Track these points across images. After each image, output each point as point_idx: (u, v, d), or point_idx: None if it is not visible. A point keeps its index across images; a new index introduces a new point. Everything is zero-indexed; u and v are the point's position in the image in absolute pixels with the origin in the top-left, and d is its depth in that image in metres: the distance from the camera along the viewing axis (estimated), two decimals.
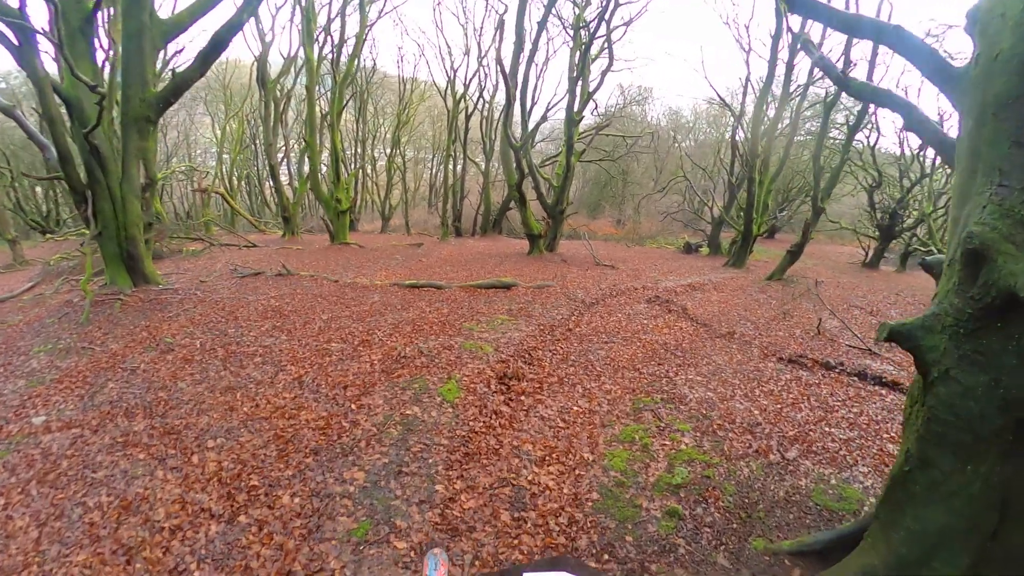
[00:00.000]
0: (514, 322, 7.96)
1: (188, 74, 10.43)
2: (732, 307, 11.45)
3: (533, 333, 7.54)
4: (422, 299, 9.91)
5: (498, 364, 6.10)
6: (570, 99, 18.46)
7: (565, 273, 14.46)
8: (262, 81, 23.28)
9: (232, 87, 34.52)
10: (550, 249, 19.31)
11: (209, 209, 30.55)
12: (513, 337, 7.17)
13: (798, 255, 16.75)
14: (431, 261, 16.57)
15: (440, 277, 13.16)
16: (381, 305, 9.34)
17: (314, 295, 10.15)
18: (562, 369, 6.41)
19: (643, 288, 12.47)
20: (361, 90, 33.45)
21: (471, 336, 7.15)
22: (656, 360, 7.14)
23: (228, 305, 9.26)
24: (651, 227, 31.58)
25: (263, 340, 7.22)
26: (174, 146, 37.60)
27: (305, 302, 9.52)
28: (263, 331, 7.63)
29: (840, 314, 13.20)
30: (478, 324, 7.84)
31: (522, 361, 6.42)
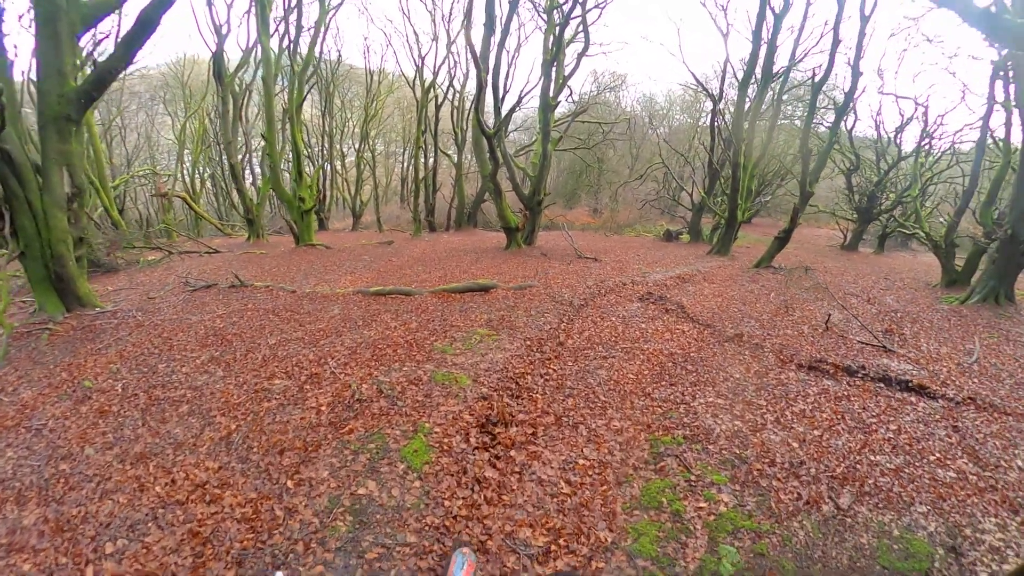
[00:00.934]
0: (495, 338, 6.68)
1: (111, 63, 8.70)
2: (730, 301, 10.35)
3: (519, 352, 6.26)
4: (388, 310, 8.54)
5: (479, 403, 4.80)
6: (544, 83, 17.11)
7: (547, 269, 13.20)
8: (219, 76, 21.30)
9: (192, 84, 32.14)
10: (528, 242, 18.03)
11: (170, 215, 28.36)
12: (495, 360, 5.88)
13: (786, 241, 15.81)
14: (402, 261, 15.13)
15: (410, 280, 11.77)
16: (340, 321, 7.93)
17: (265, 311, 8.67)
18: (558, 402, 5.14)
19: (632, 283, 11.30)
20: (326, 83, 31.45)
21: (444, 362, 5.85)
22: (666, 378, 5.95)
23: (167, 330, 7.77)
24: (629, 215, 30.53)
25: (195, 378, 5.80)
26: (135, 149, 34.99)
27: (254, 321, 8.05)
28: (198, 365, 6.20)
29: (838, 302, 12.25)
30: (452, 343, 6.52)
31: (508, 395, 5.14)
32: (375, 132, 39.72)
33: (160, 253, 18.26)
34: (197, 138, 31.72)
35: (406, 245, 20.19)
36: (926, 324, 11.05)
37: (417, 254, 16.85)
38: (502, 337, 6.67)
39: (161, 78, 34.77)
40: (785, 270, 15.59)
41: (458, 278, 11.98)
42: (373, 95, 32.52)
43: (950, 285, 16.11)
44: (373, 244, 19.47)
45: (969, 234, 15.86)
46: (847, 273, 17.10)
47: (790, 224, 15.36)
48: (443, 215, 30.80)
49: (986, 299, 13.20)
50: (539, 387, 5.40)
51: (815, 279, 13.15)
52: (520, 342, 6.55)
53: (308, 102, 36.52)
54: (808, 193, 15.04)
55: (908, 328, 10.51)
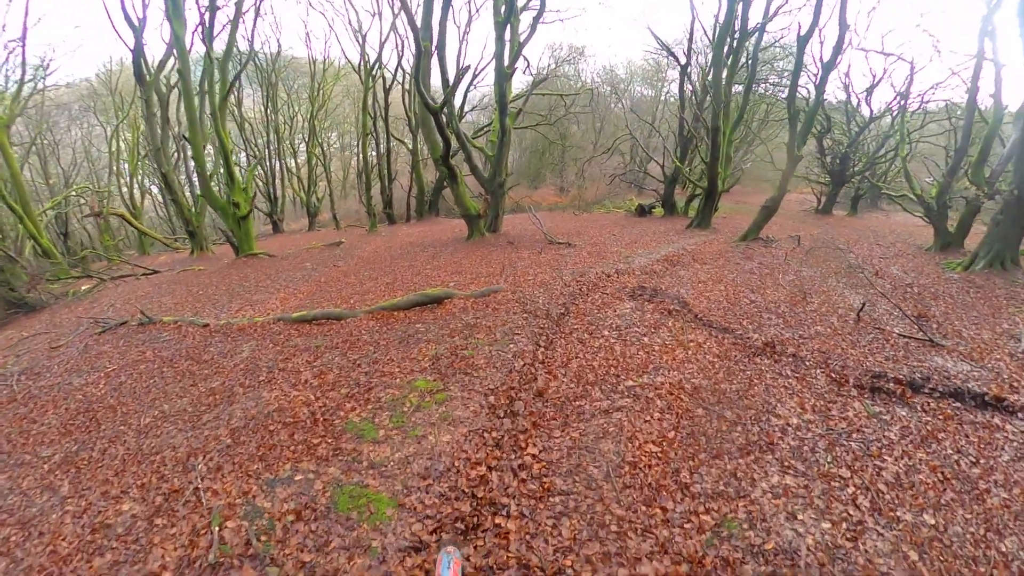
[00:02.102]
0: (442, 398, 4.39)
1: None
2: (735, 290, 8.38)
3: (477, 423, 4.03)
4: (307, 348, 6.26)
5: (404, 561, 2.59)
6: (498, 48, 14.65)
7: (515, 261, 10.99)
8: (139, 76, 17.87)
9: (123, 89, 28.13)
10: (493, 230, 15.75)
11: (108, 235, 24.84)
12: (439, 451, 3.61)
13: (774, 210, 13.97)
14: (348, 265, 12.72)
15: (352, 292, 9.47)
16: (243, 371, 5.68)
17: (162, 362, 6.44)
18: (547, 536, 2.94)
19: (616, 274, 9.20)
20: (267, 74, 28.05)
21: (358, 460, 3.57)
22: (703, 444, 3.89)
23: (38, 405, 5.74)
24: (597, 192, 28.43)
25: (31, 502, 3.69)
26: (72, 167, 30.67)
27: (141, 381, 5.90)
28: (44, 474, 4.08)
29: (841, 277, 10.47)
30: (376, 413, 4.27)
31: (459, 531, 2.92)
32: (327, 124, 36.35)
33: (92, 281, 15.63)
34: (132, 148, 27.95)
35: (359, 243, 17.65)
36: (949, 300, 9.46)
37: (368, 254, 14.41)
38: (451, 394, 4.41)
39: (90, 85, 30.73)
40: (775, 241, 13.77)
41: (409, 283, 9.70)
42: (319, 85, 29.25)
43: (944, 248, 14.65)
44: (320, 247, 16.86)
45: (968, 194, 14.32)
46: (837, 239, 15.45)
47: (778, 192, 13.50)
48: (403, 205, 28.12)
49: (992, 264, 11.62)
50: (512, 502, 3.19)
51: (847, 258, 11.30)
52: (478, 402, 4.31)
53: (250, 98, 32.93)
54: (797, 157, 13.16)
55: (935, 307, 8.82)
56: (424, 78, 14.36)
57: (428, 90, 14.94)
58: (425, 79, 14.64)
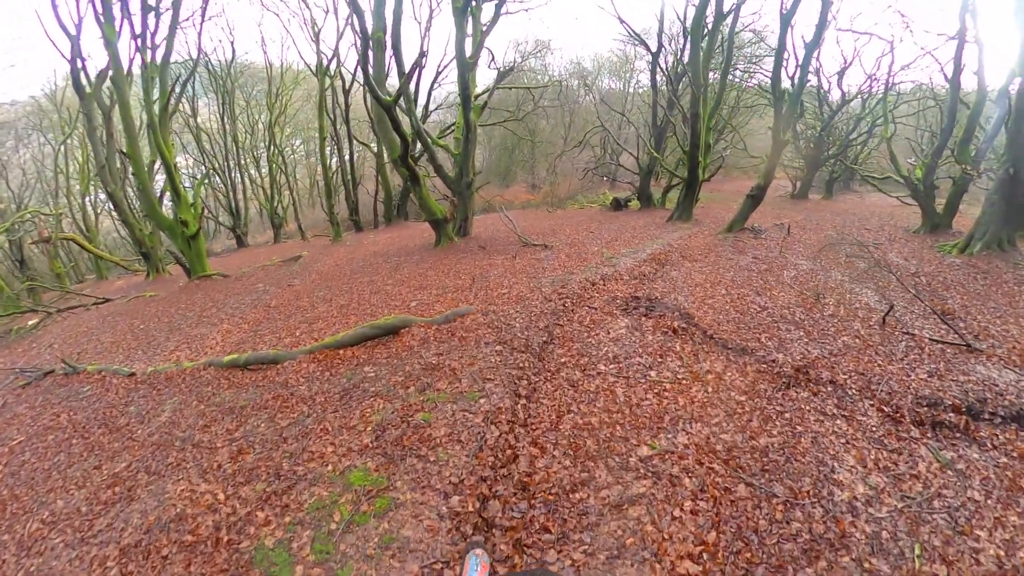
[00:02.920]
0: (384, 506, 2.94)
1: None
2: (739, 292, 7.23)
3: (433, 558, 2.63)
4: (230, 411, 4.89)
5: None
6: (458, 38, 13.25)
7: (486, 271, 9.70)
8: (78, 87, 15.85)
9: (69, 105, 25.59)
10: (462, 234, 14.41)
11: (58, 262, 22.55)
12: None
13: (760, 199, 12.97)
14: (304, 284, 11.26)
15: (300, 317, 8.09)
16: (155, 448, 4.37)
17: (75, 428, 5.30)
18: None
19: (602, 280, 7.97)
20: (221, 81, 26.04)
21: None
22: (757, 549, 2.67)
23: None
24: (569, 187, 27.25)
25: None
26: (23, 189, 27.72)
27: (45, 460, 4.85)
28: None
29: (843, 270, 9.46)
30: (296, 536, 2.80)
31: None
32: (289, 131, 34.28)
33: (41, 315, 13.86)
34: (83, 165, 25.53)
35: (321, 255, 16.10)
36: (961, 290, 8.58)
37: (327, 269, 12.92)
38: (398, 496, 2.95)
39: (35, 103, 28.18)
40: (763, 231, 12.76)
41: (366, 304, 8.32)
42: (277, 90, 27.31)
43: (934, 230, 13.90)
44: (277, 263, 15.24)
45: (956, 173, 13.57)
46: (824, 226, 14.57)
47: (764, 180, 12.48)
48: (370, 211, 26.47)
49: (989, 246, 10.90)
50: None
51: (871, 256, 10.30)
52: (436, 511, 2.80)
53: (205, 107, 30.66)
54: (783, 142, 12.15)
55: (950, 300, 7.88)
56: (379, 72, 12.90)
57: (383, 86, 13.50)
58: (380, 73, 13.19)
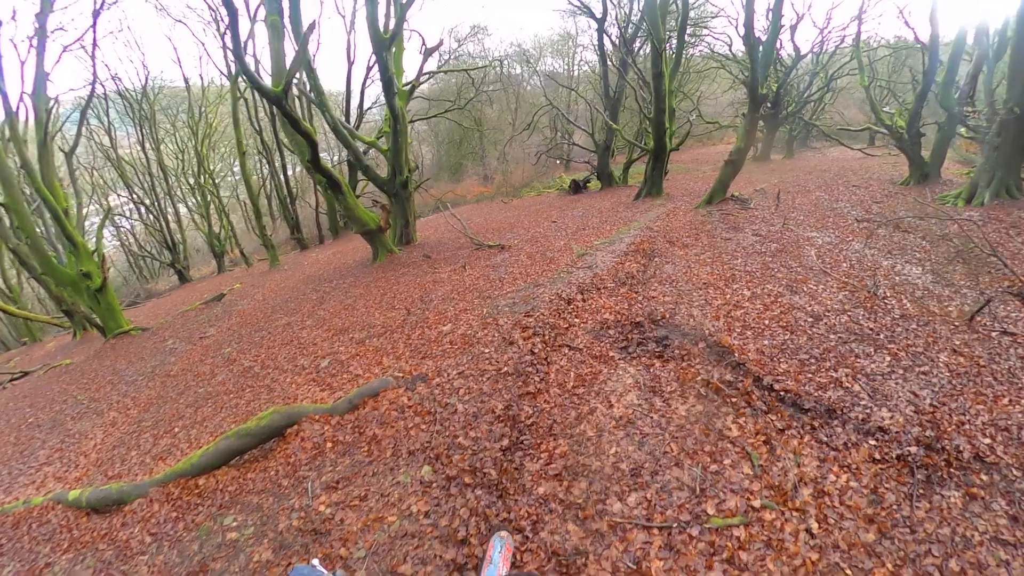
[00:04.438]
0: None
1: None
2: (764, 290, 5.06)
3: None
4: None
5: None
6: (370, 11, 10.61)
7: (428, 292, 7.28)
8: None
9: None
10: (405, 241, 11.87)
11: None
12: None
13: (741, 163, 10.90)
14: (218, 334, 8.66)
15: (191, 397, 5.68)
16: None
17: None
18: None
19: (580, 293, 5.66)
20: (136, 106, 22.35)
21: None
22: None
23: None
24: (523, 174, 24.81)
25: None
26: None
27: None
28: None
29: (862, 240, 7.45)
30: None
31: None
32: (224, 150, 30.47)
33: None
34: None
35: (253, 287, 13.29)
36: (1007, 254, 6.68)
37: (250, 308, 10.20)
38: None
39: None
40: (749, 201, 10.70)
41: (271, 366, 5.83)
42: (201, 108, 23.69)
43: (923, 180, 12.19)
44: (198, 307, 12.26)
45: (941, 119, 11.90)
46: (807, 186, 12.65)
47: (743, 141, 10.41)
48: (315, 226, 23.43)
49: (998, 194, 9.46)
50: None
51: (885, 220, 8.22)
52: None
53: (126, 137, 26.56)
54: (761, 97, 10.05)
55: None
56: (278, 63, 10.07)
57: (279, 80, 10.65)
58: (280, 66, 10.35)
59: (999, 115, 9.72)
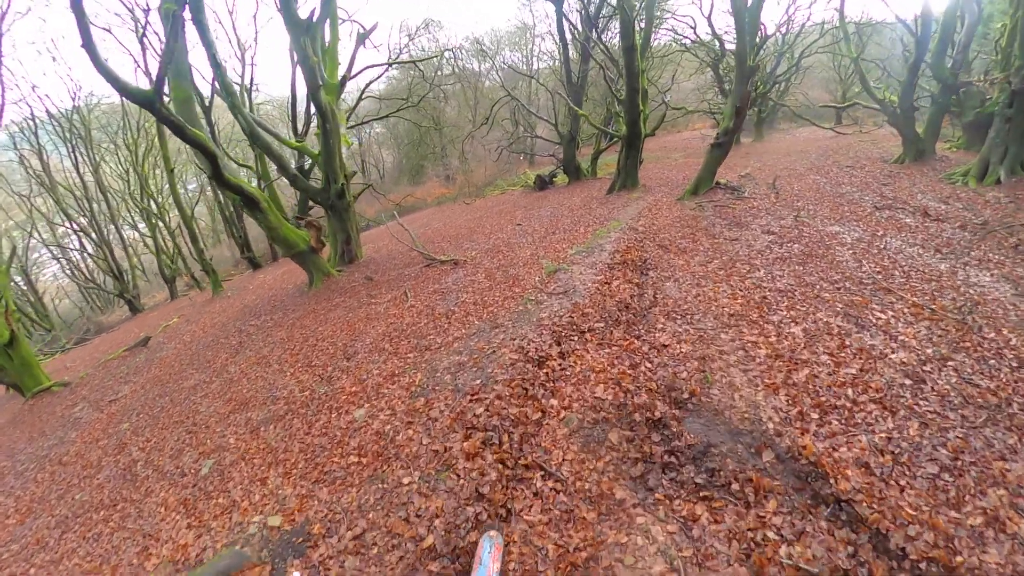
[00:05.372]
0: None
1: None
2: (822, 328, 3.41)
3: None
4: None
5: None
6: None
7: (358, 336, 5.42)
8: None
9: None
10: (347, 260, 9.88)
11: None
12: None
13: (728, 145, 9.34)
14: (131, 393, 6.73)
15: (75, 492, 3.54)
16: None
17: None
18: None
19: (555, 344, 3.89)
20: (66, 126, 19.41)
21: None
22: None
23: None
24: (486, 172, 22.91)
25: None
26: None
27: None
28: None
29: (896, 232, 5.92)
30: None
31: None
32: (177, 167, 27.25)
33: None
34: None
35: (188, 320, 11.04)
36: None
37: (174, 354, 8.06)
38: None
39: None
40: (742, 189, 9.13)
41: (159, 448, 3.95)
42: (138, 123, 20.66)
43: (919, 157, 10.89)
44: (122, 354, 9.84)
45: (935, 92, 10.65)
46: (797, 169, 11.19)
47: (731, 121, 8.82)
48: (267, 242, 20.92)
49: (1014, 171, 8.23)
50: None
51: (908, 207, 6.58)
52: None
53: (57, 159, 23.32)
54: (750, 69, 8.47)
55: None
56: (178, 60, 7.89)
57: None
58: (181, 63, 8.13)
59: (1011, 84, 8.41)
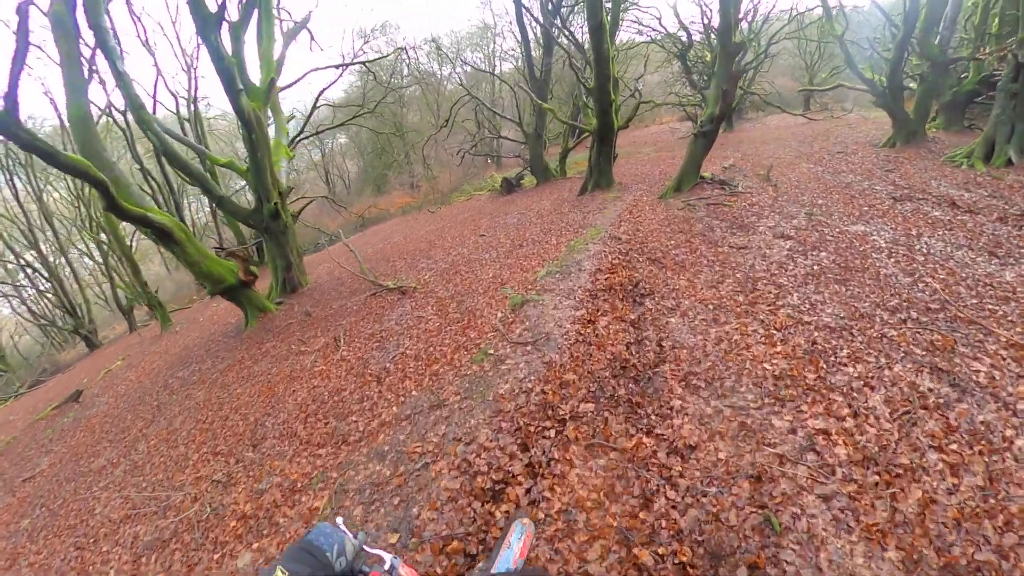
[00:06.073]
0: None
1: None
2: (940, 422, 2.14)
3: None
4: None
5: None
6: None
7: (273, 409, 3.96)
8: None
9: None
10: (289, 289, 8.30)
11: None
12: None
13: (714, 134, 8.13)
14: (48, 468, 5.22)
15: None
16: None
17: None
18: None
19: (513, 439, 2.54)
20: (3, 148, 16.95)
21: None
22: None
23: None
24: (452, 177, 21.45)
25: None
26: None
27: None
28: None
29: (928, 227, 4.76)
30: None
31: None
32: None
33: None
34: None
35: (130, 366, 9.26)
36: None
37: (103, 414, 6.47)
38: None
39: None
40: (735, 185, 7.91)
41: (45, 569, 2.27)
42: None
43: (910, 139, 9.94)
44: (50, 412, 7.99)
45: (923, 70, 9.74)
46: (784, 157, 10.11)
47: (716, 107, 7.60)
48: None
49: (1023, 151, 7.37)
50: None
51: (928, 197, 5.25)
52: None
53: None
54: (736, 47, 7.25)
55: None
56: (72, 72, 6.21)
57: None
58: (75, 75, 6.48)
59: (1017, 57, 7.46)
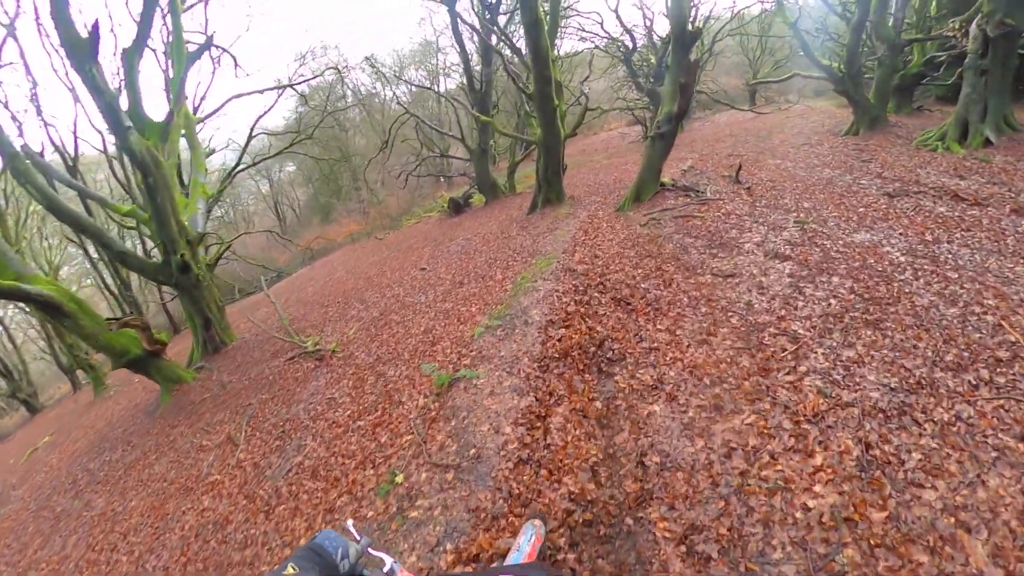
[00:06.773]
0: None
1: None
2: None
3: None
4: None
5: None
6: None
7: (161, 533, 2.53)
8: None
9: None
10: (211, 350, 6.76)
11: None
12: None
13: (673, 135, 7.11)
14: None
15: None
16: None
17: None
18: None
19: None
20: None
21: None
22: None
23: None
24: (400, 200, 20.07)
25: None
26: None
27: None
28: None
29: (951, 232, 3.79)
30: None
31: None
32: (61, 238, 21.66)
33: None
34: None
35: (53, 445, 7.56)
36: None
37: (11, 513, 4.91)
38: None
39: None
40: (702, 191, 6.91)
41: None
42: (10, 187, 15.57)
43: (874, 125, 9.31)
44: None
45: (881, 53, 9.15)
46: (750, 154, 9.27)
47: (675, 105, 6.61)
48: (164, 314, 16.85)
49: (1000, 130, 6.94)
50: None
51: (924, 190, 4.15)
52: None
53: None
54: (692, 36, 6.30)
55: None
56: None
57: None
58: None
59: (984, 32, 6.85)
